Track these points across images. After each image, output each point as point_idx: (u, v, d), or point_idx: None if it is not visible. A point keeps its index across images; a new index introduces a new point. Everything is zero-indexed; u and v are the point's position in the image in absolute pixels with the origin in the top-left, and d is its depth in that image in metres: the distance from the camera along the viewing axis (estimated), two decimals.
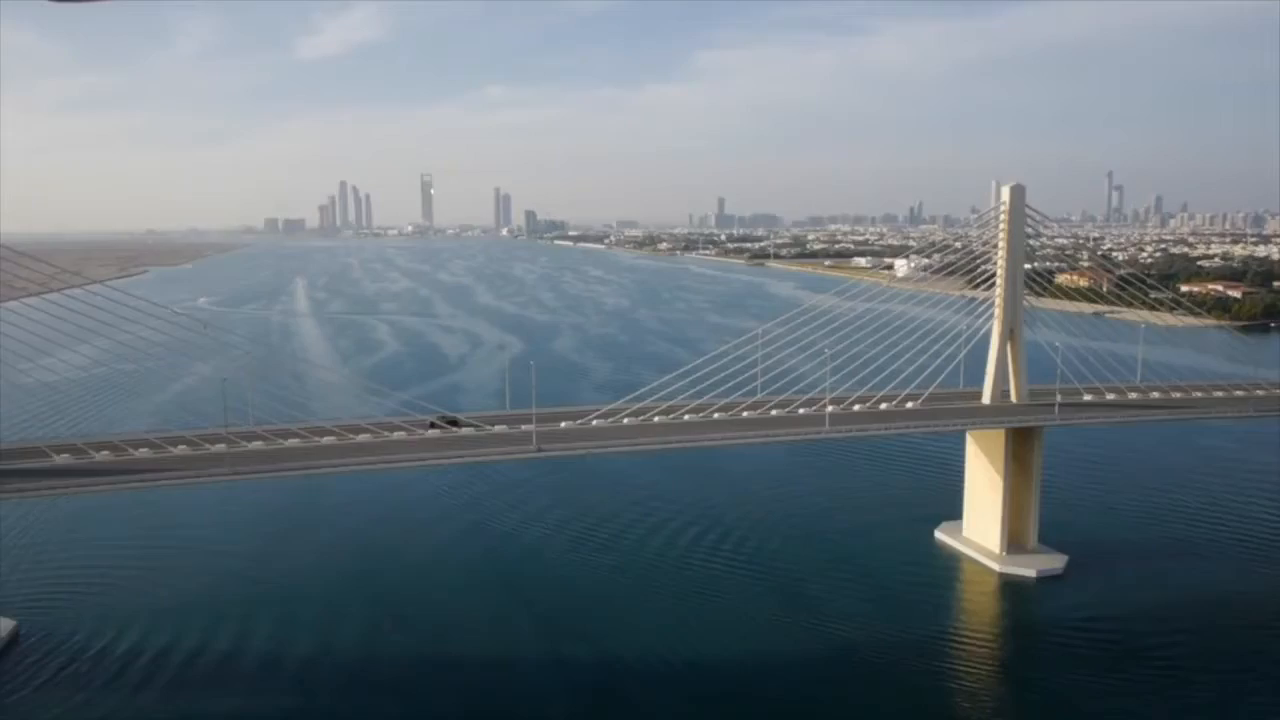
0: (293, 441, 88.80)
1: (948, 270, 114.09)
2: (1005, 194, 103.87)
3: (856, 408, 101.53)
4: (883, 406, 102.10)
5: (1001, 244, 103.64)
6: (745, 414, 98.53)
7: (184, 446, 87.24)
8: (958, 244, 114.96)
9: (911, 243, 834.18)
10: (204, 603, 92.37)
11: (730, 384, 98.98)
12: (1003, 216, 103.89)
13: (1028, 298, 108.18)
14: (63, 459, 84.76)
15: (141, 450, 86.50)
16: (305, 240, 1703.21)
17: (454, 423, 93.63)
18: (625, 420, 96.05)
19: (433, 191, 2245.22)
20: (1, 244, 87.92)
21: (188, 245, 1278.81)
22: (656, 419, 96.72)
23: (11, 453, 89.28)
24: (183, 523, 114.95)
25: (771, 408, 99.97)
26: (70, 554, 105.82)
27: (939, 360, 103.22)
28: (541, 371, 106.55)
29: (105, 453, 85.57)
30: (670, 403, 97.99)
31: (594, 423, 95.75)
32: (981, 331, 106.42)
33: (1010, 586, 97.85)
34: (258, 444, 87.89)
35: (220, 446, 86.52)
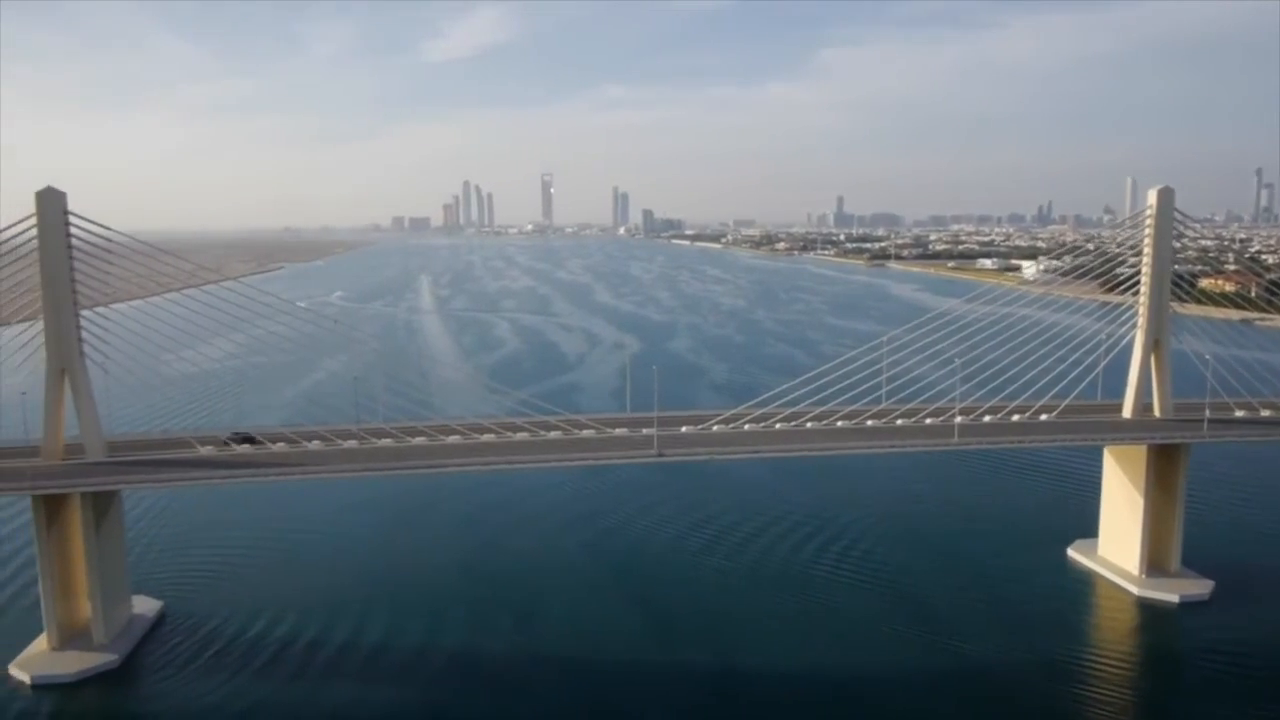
0: (419, 440, 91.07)
1: (1082, 273, 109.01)
2: (1152, 197, 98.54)
3: (987, 419, 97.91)
4: (1015, 418, 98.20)
5: (1147, 249, 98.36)
6: (870, 422, 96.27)
7: (318, 441, 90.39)
8: (1090, 245, 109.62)
9: (1040, 243, 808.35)
10: (332, 593, 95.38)
11: (854, 391, 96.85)
12: (1149, 220, 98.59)
13: (1170, 304, 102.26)
14: (207, 450, 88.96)
15: (278, 444, 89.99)
16: (429, 238, 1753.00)
17: (249, 440, 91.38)
18: (746, 426, 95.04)
19: (552, 191, 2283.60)
20: (146, 241, 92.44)
21: (320, 242, 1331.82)
22: (778, 425, 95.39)
23: (160, 443, 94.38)
24: (314, 514, 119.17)
25: (897, 417, 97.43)
26: (211, 541, 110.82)
27: (1075, 370, 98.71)
28: (654, 367, 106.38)
29: (245, 446, 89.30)
30: (793, 409, 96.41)
31: (715, 428, 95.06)
32: (1123, 340, 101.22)
33: (1150, 611, 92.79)
34: (387, 441, 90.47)
35: (352, 443, 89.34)
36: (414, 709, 75.60)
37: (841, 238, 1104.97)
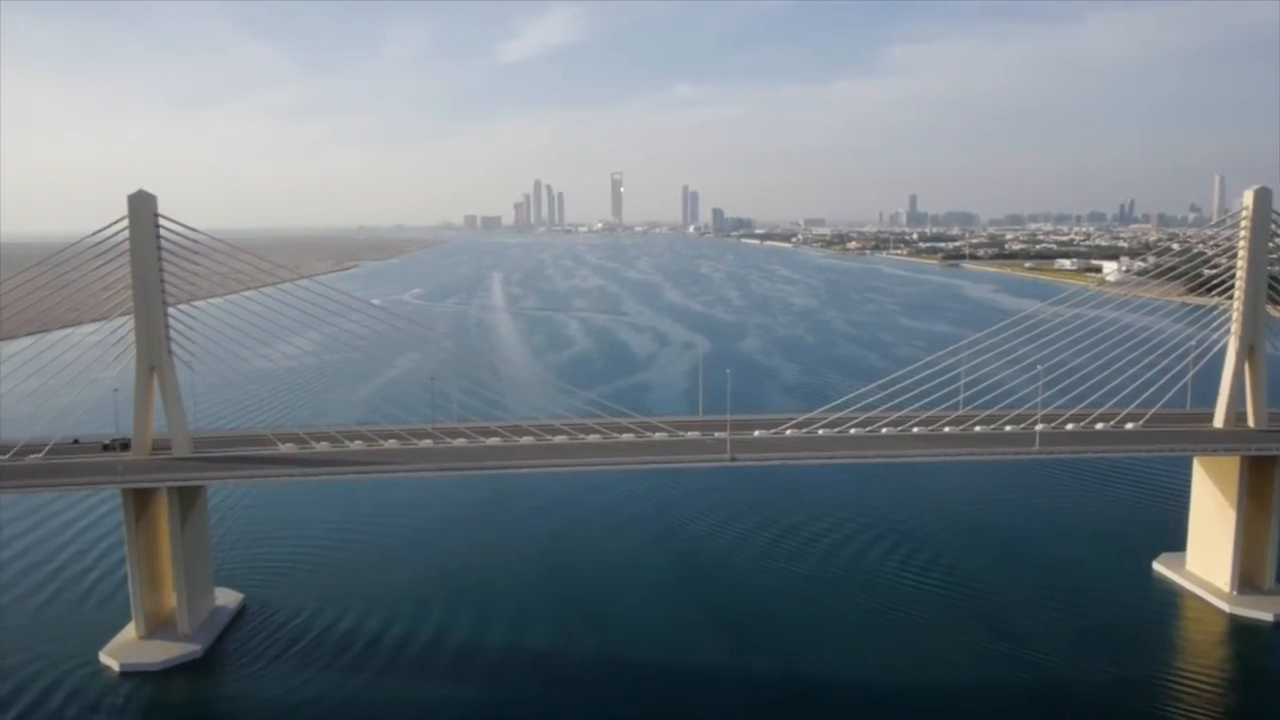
0: (493, 440, 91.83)
1: (1167, 275, 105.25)
2: (1248, 198, 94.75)
3: (1069, 427, 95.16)
4: (1099, 426, 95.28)
5: (1242, 251, 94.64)
6: (947, 429, 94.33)
7: (394, 441, 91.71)
8: (1175, 246, 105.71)
9: (1121, 243, 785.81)
10: (406, 589, 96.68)
11: (931, 397, 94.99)
12: (1244, 221, 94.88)
13: (1266, 308, 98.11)
14: (287, 448, 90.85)
15: (356, 443, 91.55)
16: (500, 236, 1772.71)
17: (126, 446, 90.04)
18: (820, 431, 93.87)
19: (622, 189, 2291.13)
20: (225, 240, 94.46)
21: (394, 241, 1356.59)
22: (853, 431, 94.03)
23: (243, 440, 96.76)
24: (389, 511, 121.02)
25: (975, 423, 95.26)
26: (289, 536, 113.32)
27: (1163, 377, 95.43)
28: (727, 370, 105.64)
29: (324, 444, 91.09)
30: (868, 414, 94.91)
31: (788, 432, 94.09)
32: (1214, 346, 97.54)
33: (1241, 629, 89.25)
34: (461, 441, 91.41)
35: (427, 442, 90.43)
36: (482, 707, 76.27)
37: (914, 237, 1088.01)
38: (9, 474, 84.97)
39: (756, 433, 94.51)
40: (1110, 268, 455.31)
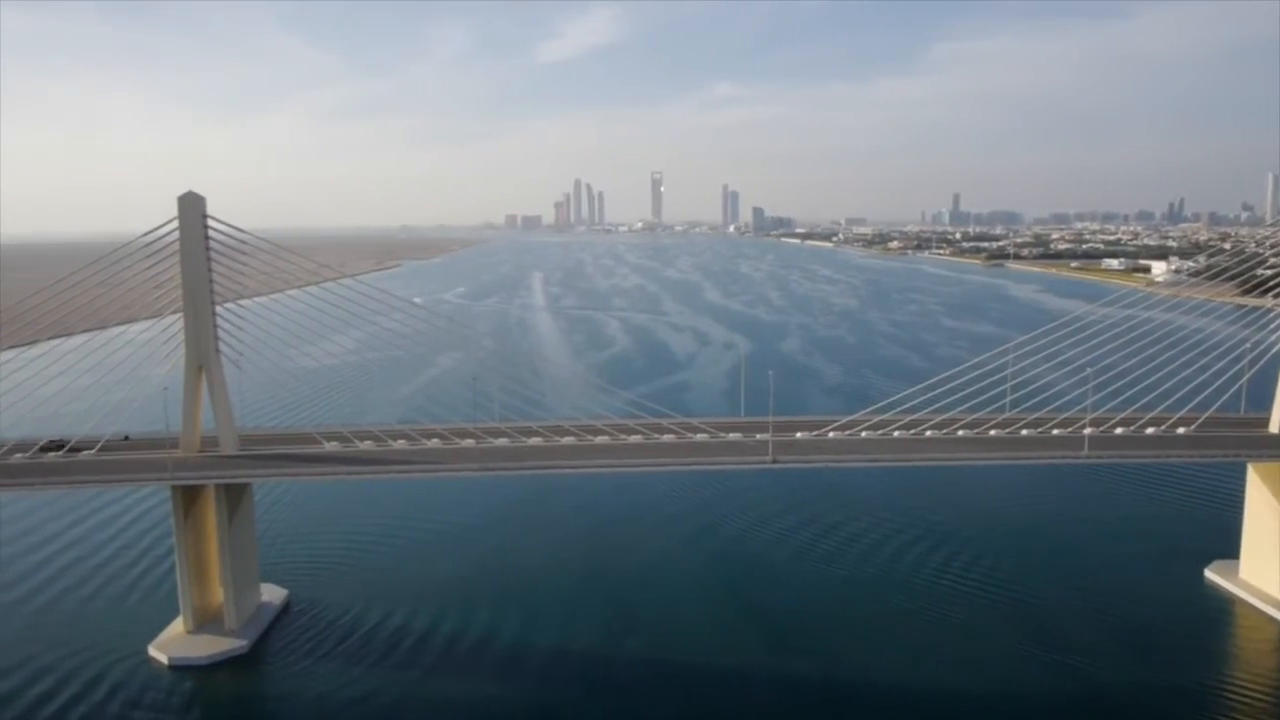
0: (535, 440, 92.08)
1: (1218, 275, 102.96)
2: None
3: (1119, 431, 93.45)
4: (1149, 431, 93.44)
5: None
6: (993, 432, 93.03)
7: (436, 440, 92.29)
8: (1227, 245, 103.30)
9: (1171, 242, 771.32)
10: (448, 588, 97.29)
11: (977, 399, 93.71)
12: None
13: None
14: (331, 446, 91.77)
15: (399, 441, 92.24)
16: (541, 236, 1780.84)
17: (60, 446, 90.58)
18: (863, 433, 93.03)
19: (662, 189, 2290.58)
20: (270, 240, 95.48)
21: (436, 240, 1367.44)
22: (896, 433, 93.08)
23: (288, 438, 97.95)
24: (431, 510, 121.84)
25: (1022, 426, 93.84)
26: (334, 533, 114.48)
27: (1217, 380, 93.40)
28: (767, 372, 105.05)
29: (368, 443, 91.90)
30: (912, 416, 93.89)
31: (830, 434, 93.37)
32: (1271, 349, 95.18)
33: None
34: (503, 440, 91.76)
35: (469, 441, 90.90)
36: (524, 707, 76.41)
37: (957, 236, 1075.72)
38: (63, 470, 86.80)
39: (799, 434, 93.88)
40: (1159, 268, 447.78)
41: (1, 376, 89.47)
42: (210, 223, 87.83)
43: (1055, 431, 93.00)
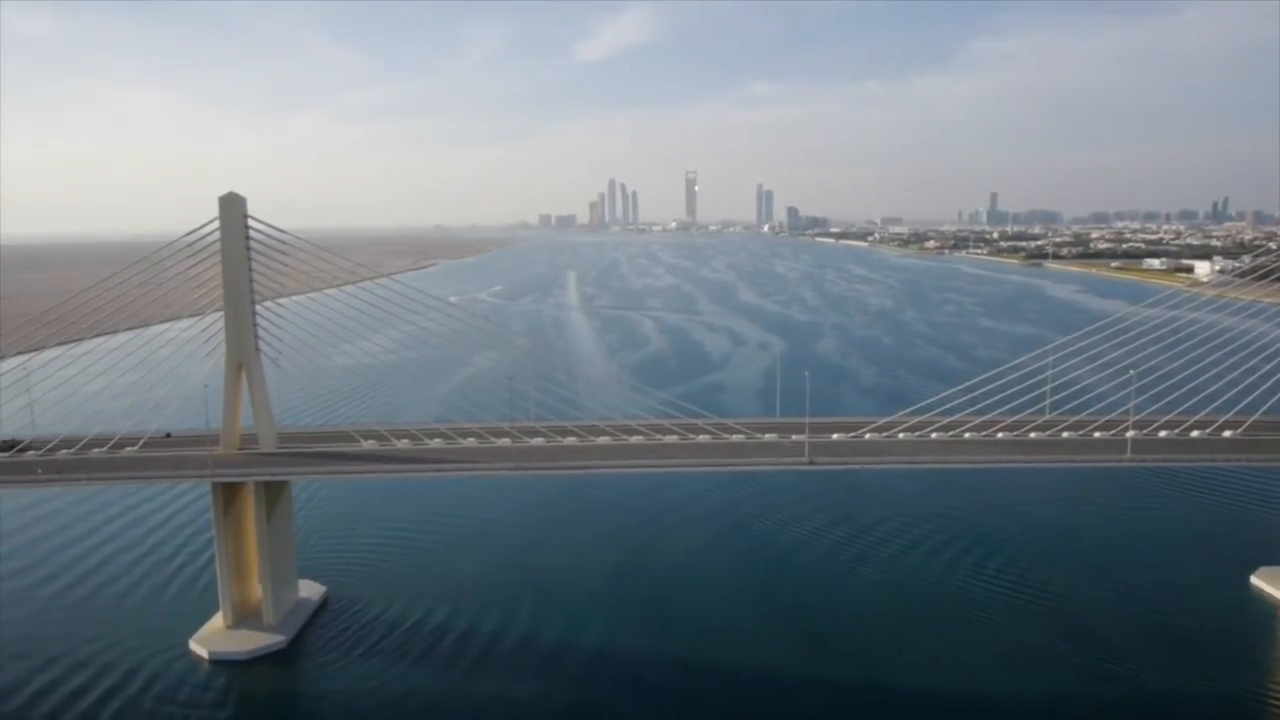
0: (570, 440, 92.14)
1: (1265, 275, 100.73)
2: None
3: (1162, 434, 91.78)
4: (1194, 434, 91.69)
5: None
6: (1033, 435, 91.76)
7: (472, 439, 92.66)
8: (1273, 244, 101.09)
9: (1214, 242, 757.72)
10: (483, 586, 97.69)
11: (1016, 401, 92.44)
12: None
13: None
14: (369, 444, 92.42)
15: (435, 440, 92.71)
16: (575, 235, 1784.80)
17: (11, 446, 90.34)
18: (901, 435, 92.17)
19: (696, 188, 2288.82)
20: (307, 240, 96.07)
21: (470, 240, 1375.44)
22: (934, 435, 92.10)
23: (326, 436, 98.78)
24: (467, 507, 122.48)
25: (1063, 429, 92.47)
26: (371, 530, 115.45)
27: (1265, 382, 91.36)
28: (804, 372, 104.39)
29: (405, 441, 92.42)
30: (951, 418, 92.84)
31: (867, 436, 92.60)
32: None
33: None
34: (538, 440, 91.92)
35: (505, 441, 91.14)
36: (558, 707, 76.54)
37: (995, 235, 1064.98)
38: (107, 466, 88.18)
39: (835, 436, 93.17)
40: (1203, 268, 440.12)
41: (48, 374, 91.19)
42: (250, 222, 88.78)
43: (1097, 434, 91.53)
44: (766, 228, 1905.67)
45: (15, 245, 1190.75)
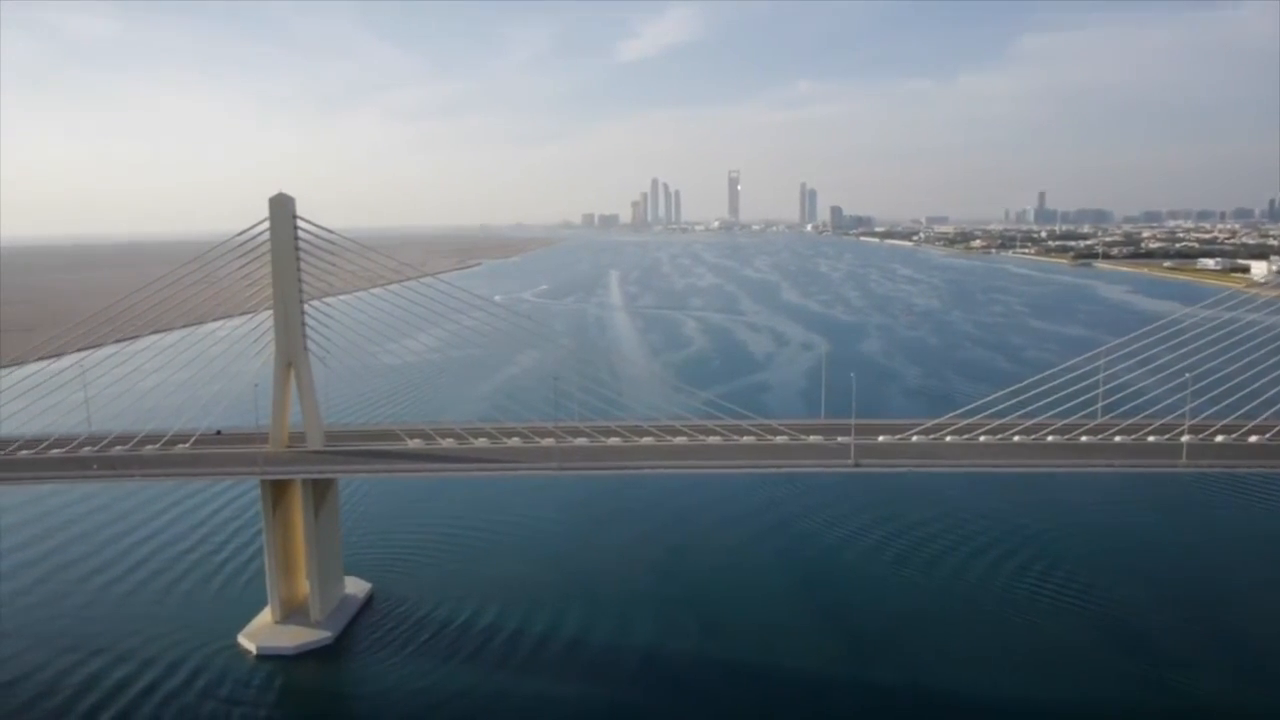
0: (614, 440, 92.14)
1: None
2: None
3: (1219, 438, 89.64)
4: (1252, 439, 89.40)
5: None
6: (1084, 438, 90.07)
7: (517, 439, 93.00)
8: None
9: (1271, 240, 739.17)
10: (527, 584, 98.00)
11: (1067, 404, 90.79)
12: None
13: None
14: (414, 443, 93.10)
15: (480, 440, 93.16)
16: (617, 235, 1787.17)
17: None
18: (948, 438, 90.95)
19: (739, 187, 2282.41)
20: (353, 239, 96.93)
21: (514, 239, 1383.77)
22: (982, 438, 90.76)
23: (372, 434, 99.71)
24: (509, 506, 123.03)
25: (1115, 433, 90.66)
26: (415, 528, 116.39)
27: None
28: (849, 373, 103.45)
29: (449, 440, 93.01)
30: (999, 421, 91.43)
31: (914, 438, 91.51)
32: None
33: None
34: (582, 440, 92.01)
35: (549, 441, 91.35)
36: (598, 706, 76.68)
37: (1043, 235, 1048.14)
38: (159, 463, 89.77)
39: (881, 438, 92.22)
40: (1260, 268, 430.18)
41: (104, 371, 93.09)
42: (299, 222, 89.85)
43: (1151, 439, 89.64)
44: (810, 227, 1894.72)
45: (77, 244, 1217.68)
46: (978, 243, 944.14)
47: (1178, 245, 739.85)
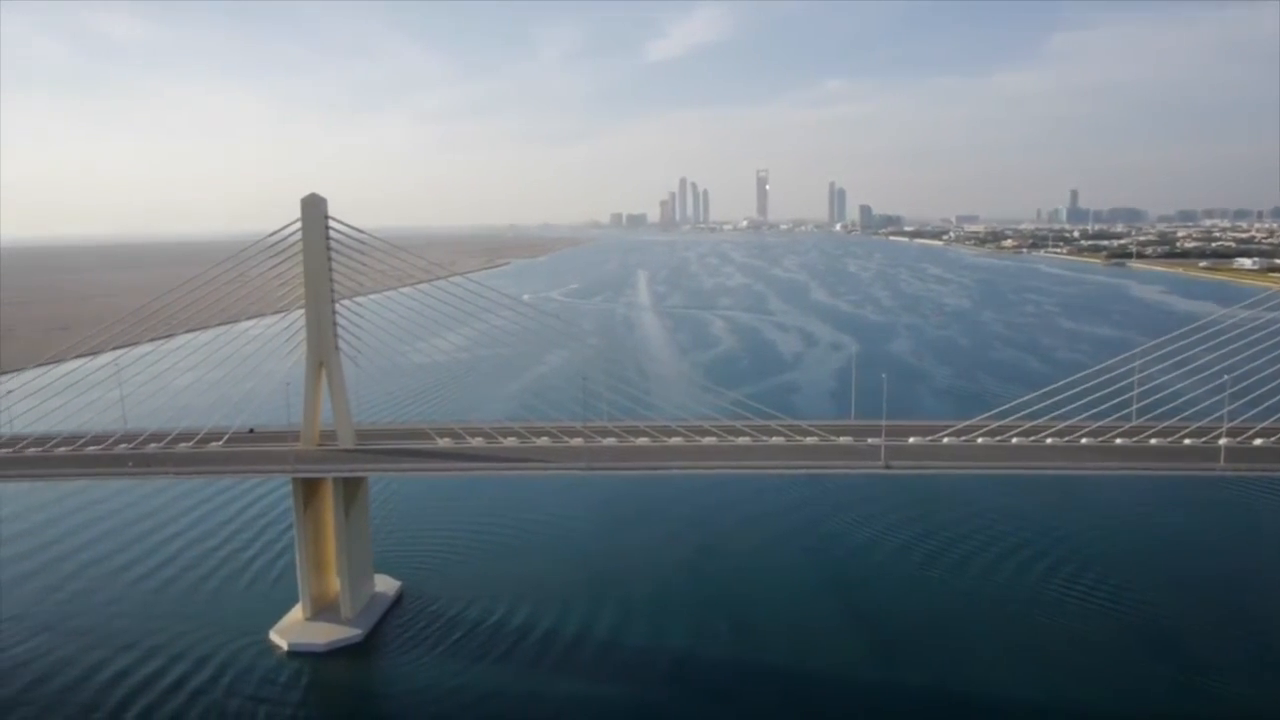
0: (642, 440, 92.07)
1: None
2: None
3: (1258, 442, 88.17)
4: None
5: None
6: (1119, 441, 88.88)
7: (545, 438, 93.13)
8: None
9: None
10: (556, 584, 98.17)
11: (1101, 407, 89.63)
12: None
13: None
14: (444, 442, 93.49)
15: (509, 439, 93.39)
16: (645, 234, 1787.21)
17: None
18: (980, 440, 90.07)
19: (767, 187, 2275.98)
20: (383, 239, 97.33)
21: (542, 239, 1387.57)
22: (1015, 440, 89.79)
23: (402, 433, 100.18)
24: (538, 505, 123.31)
25: (1150, 436, 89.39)
26: (445, 527, 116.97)
27: None
28: (877, 373, 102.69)
29: (479, 439, 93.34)
30: (1031, 423, 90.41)
31: (945, 440, 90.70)
32: None
33: None
34: (610, 440, 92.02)
35: (578, 440, 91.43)
36: (626, 706, 76.64)
37: (1075, 234, 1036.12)
38: (192, 460, 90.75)
39: (911, 439, 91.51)
40: None
41: (141, 369, 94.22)
42: (331, 223, 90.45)
43: (1187, 442, 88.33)
44: (839, 226, 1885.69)
45: (109, 244, 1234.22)
46: (1009, 242, 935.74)
47: (1214, 244, 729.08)
